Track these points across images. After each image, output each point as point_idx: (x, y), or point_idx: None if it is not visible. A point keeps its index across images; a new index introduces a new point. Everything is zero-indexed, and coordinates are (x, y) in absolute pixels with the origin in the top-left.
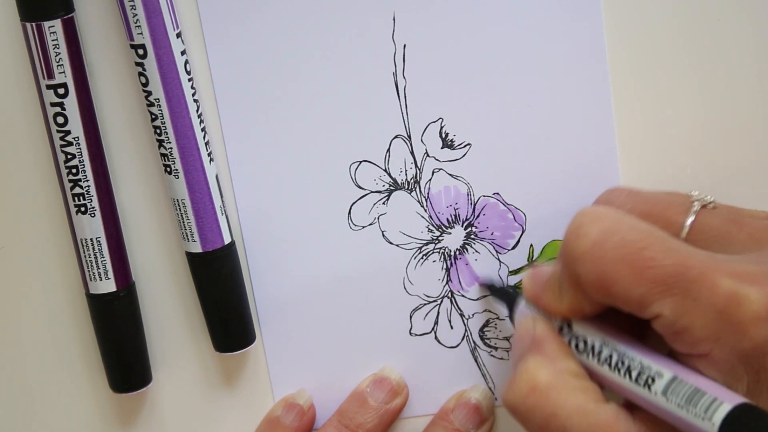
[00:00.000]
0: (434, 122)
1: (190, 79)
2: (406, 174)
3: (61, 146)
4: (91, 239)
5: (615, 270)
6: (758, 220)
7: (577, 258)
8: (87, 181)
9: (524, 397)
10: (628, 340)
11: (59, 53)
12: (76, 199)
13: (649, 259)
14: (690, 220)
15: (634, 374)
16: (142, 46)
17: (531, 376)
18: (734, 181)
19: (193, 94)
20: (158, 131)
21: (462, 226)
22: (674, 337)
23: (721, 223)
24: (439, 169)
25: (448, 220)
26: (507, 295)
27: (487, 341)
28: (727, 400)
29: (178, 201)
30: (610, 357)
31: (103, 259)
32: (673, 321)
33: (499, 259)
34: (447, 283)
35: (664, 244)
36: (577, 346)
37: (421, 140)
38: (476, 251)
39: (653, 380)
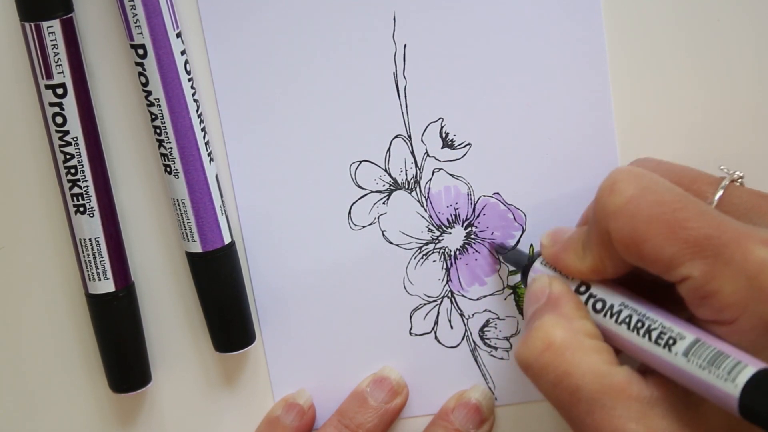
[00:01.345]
0: (434, 122)
1: (190, 79)
2: (406, 174)
3: (60, 146)
4: (90, 239)
5: (648, 228)
6: None
7: (609, 213)
8: (86, 181)
9: (538, 355)
10: (648, 303)
11: (58, 53)
12: (74, 199)
13: (684, 219)
14: (719, 193)
15: (654, 335)
16: (142, 46)
17: (546, 334)
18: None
19: (193, 94)
20: (158, 131)
21: (462, 225)
22: (700, 301)
23: (750, 196)
24: (440, 169)
25: (448, 219)
26: (520, 256)
27: (487, 341)
28: (751, 364)
29: (178, 201)
30: (630, 317)
31: (102, 259)
32: (702, 284)
33: (499, 259)
34: (447, 283)
35: (698, 207)
36: (594, 306)
37: (422, 140)
38: (476, 251)
39: (674, 341)
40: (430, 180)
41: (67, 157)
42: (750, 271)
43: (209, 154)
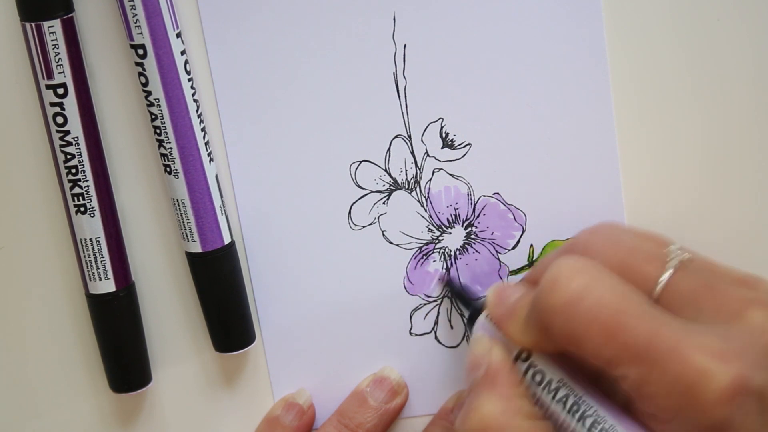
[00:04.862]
0: (434, 122)
1: (190, 79)
2: (406, 174)
3: (61, 146)
4: (91, 239)
5: (587, 329)
6: (732, 288)
7: (550, 312)
8: (86, 181)
9: None
10: (587, 384)
11: (59, 53)
12: (75, 199)
13: (623, 323)
14: (665, 277)
15: (588, 422)
16: (142, 46)
17: (483, 415)
18: (734, 178)
19: (193, 94)
20: (158, 131)
21: (462, 226)
22: (638, 398)
23: (696, 285)
24: (440, 169)
25: (448, 220)
26: (468, 302)
27: None
28: None
29: (178, 201)
30: (566, 398)
31: (102, 259)
32: (639, 387)
33: (499, 259)
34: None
35: (639, 309)
36: (533, 377)
37: (422, 140)
38: (476, 251)
39: None
40: (430, 180)
41: (68, 157)
42: (685, 382)
43: (209, 154)
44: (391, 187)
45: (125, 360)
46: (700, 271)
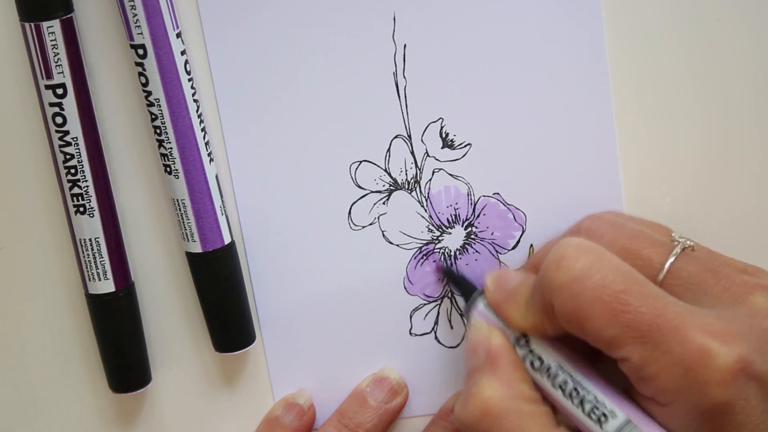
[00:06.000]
0: (434, 122)
1: (190, 79)
2: (406, 174)
3: (60, 146)
4: (90, 239)
5: (590, 308)
6: (735, 273)
7: (554, 289)
8: (86, 181)
9: (476, 421)
10: (586, 368)
11: (58, 53)
12: (74, 199)
13: (626, 303)
14: (669, 262)
15: (587, 407)
16: (142, 46)
17: (484, 400)
18: (733, 178)
19: (193, 94)
20: (158, 131)
21: (462, 226)
22: (638, 381)
23: (699, 270)
24: (440, 169)
25: (448, 220)
26: (466, 287)
27: None
28: None
29: (178, 201)
30: (565, 383)
31: (101, 259)
32: (640, 368)
33: (499, 259)
34: (447, 283)
35: (642, 289)
36: (532, 362)
37: (422, 140)
38: (476, 251)
39: (606, 418)
40: (430, 180)
41: (67, 157)
42: (687, 362)
43: (209, 154)
44: (391, 187)
45: (125, 360)
46: (703, 258)
